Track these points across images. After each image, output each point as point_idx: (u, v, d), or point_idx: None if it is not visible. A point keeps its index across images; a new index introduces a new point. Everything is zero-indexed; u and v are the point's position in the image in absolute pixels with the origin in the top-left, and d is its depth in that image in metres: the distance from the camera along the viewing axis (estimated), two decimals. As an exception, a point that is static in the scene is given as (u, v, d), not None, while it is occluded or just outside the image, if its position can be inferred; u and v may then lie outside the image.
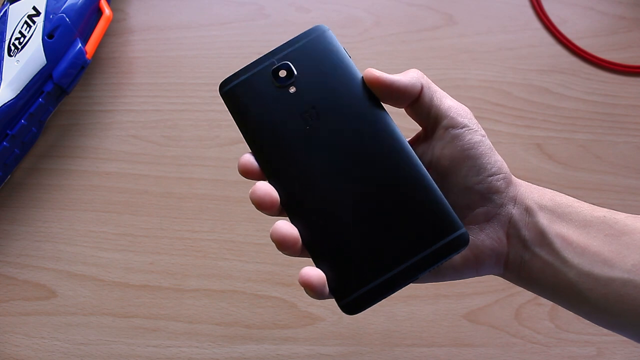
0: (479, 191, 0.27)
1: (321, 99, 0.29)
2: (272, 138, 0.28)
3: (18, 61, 0.43)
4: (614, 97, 0.53)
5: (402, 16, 0.55)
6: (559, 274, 0.26)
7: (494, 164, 0.27)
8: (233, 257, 0.45)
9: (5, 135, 0.43)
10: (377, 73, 0.28)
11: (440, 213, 0.26)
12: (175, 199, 0.46)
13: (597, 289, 0.25)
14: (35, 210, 0.46)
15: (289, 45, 0.30)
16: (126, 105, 0.50)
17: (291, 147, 0.28)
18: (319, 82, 0.29)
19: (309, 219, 0.27)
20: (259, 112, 0.29)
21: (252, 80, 0.29)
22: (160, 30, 0.53)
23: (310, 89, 0.29)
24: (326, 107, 0.28)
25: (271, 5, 0.55)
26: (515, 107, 0.51)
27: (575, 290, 0.26)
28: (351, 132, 0.28)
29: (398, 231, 0.26)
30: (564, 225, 0.27)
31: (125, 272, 0.44)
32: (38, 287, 0.43)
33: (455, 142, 0.27)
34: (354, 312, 0.26)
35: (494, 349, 0.42)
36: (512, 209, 0.28)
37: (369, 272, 0.26)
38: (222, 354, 0.41)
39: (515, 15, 0.56)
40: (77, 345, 0.41)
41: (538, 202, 0.28)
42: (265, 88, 0.29)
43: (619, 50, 0.55)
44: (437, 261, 0.26)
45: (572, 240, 0.26)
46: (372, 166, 0.27)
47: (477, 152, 0.27)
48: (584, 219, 0.27)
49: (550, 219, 0.27)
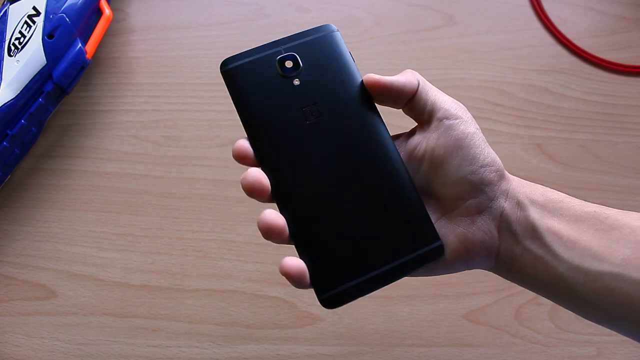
0: (472, 182, 0.28)
1: (324, 97, 0.29)
2: (270, 127, 0.28)
3: (18, 61, 0.43)
4: (614, 97, 0.53)
5: (402, 16, 0.55)
6: (549, 268, 0.27)
7: (487, 155, 0.28)
8: (233, 257, 0.45)
9: (5, 135, 0.43)
10: (375, 76, 0.29)
11: (422, 223, 0.28)
12: (175, 199, 0.46)
13: (587, 282, 0.26)
14: (35, 210, 0.46)
15: (298, 37, 0.30)
16: (126, 105, 0.50)
17: (288, 139, 0.28)
18: (324, 80, 0.29)
19: (297, 211, 0.27)
20: (260, 98, 0.29)
21: (256, 64, 0.29)
22: (160, 30, 0.53)
23: (314, 85, 0.29)
24: (328, 106, 0.29)
25: (271, 5, 0.55)
26: (515, 107, 0.51)
27: (565, 284, 0.26)
28: (348, 135, 0.29)
29: (381, 235, 0.28)
30: (555, 219, 0.27)
31: (125, 272, 0.44)
32: (38, 287, 0.43)
33: (449, 131, 0.28)
34: (333, 306, 0.26)
35: (494, 349, 0.42)
36: (503, 202, 0.28)
37: (351, 270, 0.27)
38: (222, 354, 0.41)
39: (515, 15, 0.56)
40: (77, 345, 0.41)
41: (529, 197, 0.28)
42: (268, 75, 0.29)
43: (619, 50, 0.55)
44: (414, 268, 0.27)
45: (563, 235, 0.27)
46: (363, 171, 0.28)
47: (471, 142, 0.28)
48: (574, 214, 0.27)
49: (541, 213, 0.28)
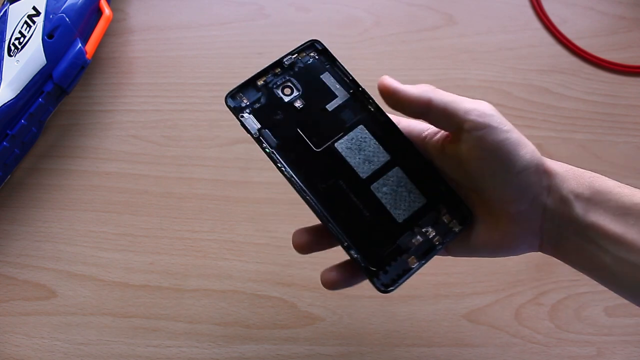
0: (512, 188, 0.28)
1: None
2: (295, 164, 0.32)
3: (18, 61, 0.43)
4: (614, 97, 0.53)
5: (402, 16, 0.55)
6: (594, 258, 0.27)
7: (522, 158, 0.27)
8: (233, 257, 0.45)
9: (5, 135, 0.43)
10: (387, 81, 0.29)
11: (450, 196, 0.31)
12: (175, 199, 0.46)
13: (633, 274, 0.26)
14: (35, 210, 0.46)
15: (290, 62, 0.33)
16: (126, 105, 0.50)
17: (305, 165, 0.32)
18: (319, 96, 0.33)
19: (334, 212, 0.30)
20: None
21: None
22: (160, 30, 0.53)
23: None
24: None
25: (271, 5, 0.55)
26: (515, 107, 0.51)
27: (611, 274, 0.27)
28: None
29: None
30: (601, 213, 0.27)
31: (125, 272, 0.44)
32: (38, 287, 0.43)
33: (479, 143, 0.27)
34: (389, 290, 0.29)
35: (493, 349, 0.42)
36: (545, 199, 0.28)
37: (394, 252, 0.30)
38: (222, 354, 0.41)
39: (515, 15, 0.56)
40: (77, 345, 0.41)
41: (574, 191, 0.28)
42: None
43: (619, 50, 0.55)
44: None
45: (608, 230, 0.26)
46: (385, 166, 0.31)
47: (502, 152, 0.27)
48: (622, 206, 0.27)
49: (585, 208, 0.27)
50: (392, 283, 0.29)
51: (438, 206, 0.30)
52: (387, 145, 0.31)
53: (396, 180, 0.31)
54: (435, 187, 0.31)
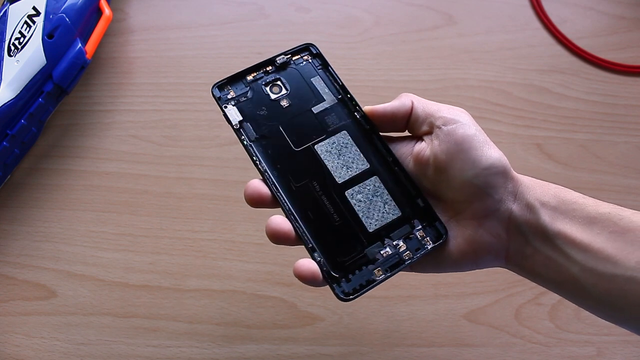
0: (476, 185, 0.28)
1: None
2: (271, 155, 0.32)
3: (18, 61, 0.43)
4: (614, 97, 0.53)
5: (402, 16, 0.55)
6: (561, 269, 0.27)
7: (490, 157, 0.28)
8: (233, 257, 0.45)
9: (5, 135, 0.43)
10: (369, 107, 0.31)
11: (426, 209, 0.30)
12: (175, 199, 0.46)
13: (600, 284, 0.26)
14: (35, 210, 0.46)
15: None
16: (126, 105, 0.50)
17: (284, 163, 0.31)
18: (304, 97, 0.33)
19: (303, 212, 0.30)
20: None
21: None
22: (160, 30, 0.53)
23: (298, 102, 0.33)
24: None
25: (271, 5, 0.55)
26: (515, 107, 0.51)
27: (578, 285, 0.26)
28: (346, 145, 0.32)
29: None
30: (567, 222, 0.27)
31: (125, 272, 0.44)
32: (38, 287, 0.43)
33: (449, 137, 0.28)
34: (350, 298, 0.28)
35: (493, 349, 0.42)
36: (511, 204, 0.28)
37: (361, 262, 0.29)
38: (222, 354, 0.41)
39: (515, 15, 0.56)
40: (77, 345, 0.41)
41: (540, 199, 0.28)
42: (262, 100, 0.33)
43: (619, 50, 0.55)
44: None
45: (575, 238, 0.26)
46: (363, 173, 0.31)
47: (471, 145, 0.28)
48: (588, 216, 0.27)
49: (552, 216, 0.27)
50: (353, 292, 0.28)
51: (413, 221, 0.30)
52: (368, 154, 0.31)
53: (372, 189, 0.30)
54: (412, 201, 0.30)
